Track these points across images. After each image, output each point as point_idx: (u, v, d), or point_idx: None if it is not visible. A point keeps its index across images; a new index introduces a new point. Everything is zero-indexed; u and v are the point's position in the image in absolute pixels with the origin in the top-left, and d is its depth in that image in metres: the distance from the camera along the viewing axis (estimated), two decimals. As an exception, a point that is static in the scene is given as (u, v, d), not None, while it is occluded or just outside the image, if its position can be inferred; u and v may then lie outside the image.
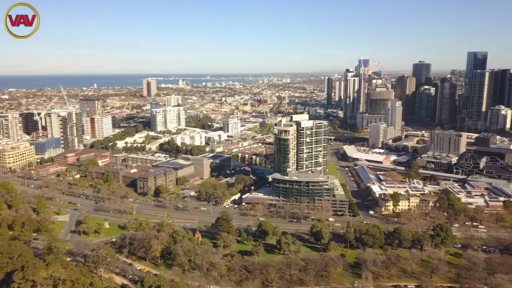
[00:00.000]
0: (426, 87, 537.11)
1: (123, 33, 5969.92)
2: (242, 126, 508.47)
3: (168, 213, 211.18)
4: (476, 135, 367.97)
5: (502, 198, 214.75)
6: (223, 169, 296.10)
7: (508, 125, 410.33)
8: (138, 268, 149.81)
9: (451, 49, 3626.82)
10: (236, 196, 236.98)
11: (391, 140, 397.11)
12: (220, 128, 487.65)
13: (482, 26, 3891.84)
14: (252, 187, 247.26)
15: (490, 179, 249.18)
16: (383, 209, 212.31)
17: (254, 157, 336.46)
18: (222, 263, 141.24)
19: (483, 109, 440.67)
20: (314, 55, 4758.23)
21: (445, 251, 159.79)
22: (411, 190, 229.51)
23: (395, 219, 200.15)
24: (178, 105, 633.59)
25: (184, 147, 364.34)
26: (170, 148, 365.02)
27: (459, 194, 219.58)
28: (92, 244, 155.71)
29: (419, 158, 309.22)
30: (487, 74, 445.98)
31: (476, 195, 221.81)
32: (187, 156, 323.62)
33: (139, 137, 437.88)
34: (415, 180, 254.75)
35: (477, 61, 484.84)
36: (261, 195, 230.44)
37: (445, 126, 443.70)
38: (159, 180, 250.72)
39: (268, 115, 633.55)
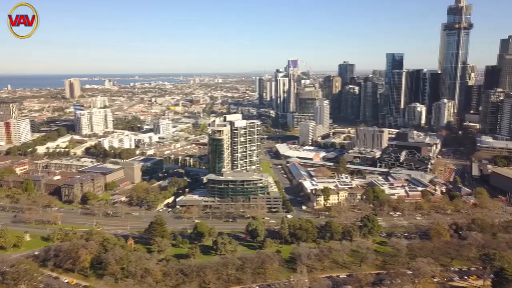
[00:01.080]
0: (350, 86, 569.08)
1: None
2: (174, 127, 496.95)
3: (97, 220, 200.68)
4: (396, 130, 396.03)
5: (420, 188, 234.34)
6: (155, 172, 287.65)
7: (423, 121, 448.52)
8: (66, 281, 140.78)
9: (372, 50, 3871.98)
10: (170, 199, 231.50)
11: (320, 138, 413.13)
12: (151, 130, 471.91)
13: (398, 30, 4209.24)
14: (187, 189, 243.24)
15: (409, 171, 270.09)
16: (314, 204, 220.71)
17: (187, 158, 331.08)
18: (157, 269, 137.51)
19: (402, 106, 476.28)
20: (244, 55, 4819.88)
21: (372, 240, 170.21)
22: (340, 185, 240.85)
23: (326, 212, 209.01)
24: (105, 106, 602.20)
25: (112, 151, 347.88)
26: (97, 152, 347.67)
27: (383, 186, 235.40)
28: (11, 259, 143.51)
29: (346, 153, 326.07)
30: (404, 74, 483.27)
31: (397, 186, 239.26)
32: (116, 160, 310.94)
33: (62, 141, 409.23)
34: (343, 174, 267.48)
35: (395, 61, 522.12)
36: (196, 197, 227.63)
37: (369, 123, 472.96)
38: (86, 186, 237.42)
39: (201, 115, 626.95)
